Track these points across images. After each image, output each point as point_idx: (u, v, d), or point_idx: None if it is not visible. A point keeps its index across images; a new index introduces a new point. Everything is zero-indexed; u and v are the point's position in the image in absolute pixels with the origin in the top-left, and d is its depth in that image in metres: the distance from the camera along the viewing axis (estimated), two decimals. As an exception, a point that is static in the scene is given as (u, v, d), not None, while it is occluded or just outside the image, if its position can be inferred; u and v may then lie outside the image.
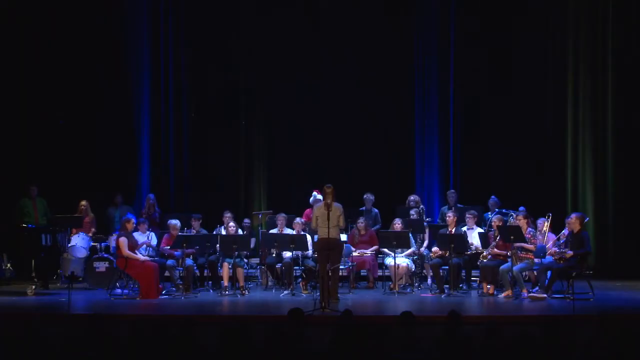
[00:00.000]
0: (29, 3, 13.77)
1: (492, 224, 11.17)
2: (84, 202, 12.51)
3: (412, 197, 12.83)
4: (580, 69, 13.63)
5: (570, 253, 10.32)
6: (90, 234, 12.34)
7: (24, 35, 13.72)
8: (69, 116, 14.01)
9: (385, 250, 11.67)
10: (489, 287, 10.86)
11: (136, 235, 11.19)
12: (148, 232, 11.53)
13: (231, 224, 11.62)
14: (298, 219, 11.54)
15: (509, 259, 10.68)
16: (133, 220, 11.14)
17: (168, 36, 14.51)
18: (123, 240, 10.82)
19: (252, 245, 12.22)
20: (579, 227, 10.44)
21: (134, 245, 10.94)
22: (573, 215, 10.60)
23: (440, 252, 11.22)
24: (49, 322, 8.26)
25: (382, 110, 14.50)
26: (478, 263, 11.04)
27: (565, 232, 10.73)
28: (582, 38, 13.62)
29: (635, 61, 13.34)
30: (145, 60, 14.40)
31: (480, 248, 11.13)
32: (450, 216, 11.49)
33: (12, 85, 13.76)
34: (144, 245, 11.30)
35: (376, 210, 12.72)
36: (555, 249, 10.57)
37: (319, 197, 11.40)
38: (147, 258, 11.08)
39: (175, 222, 11.44)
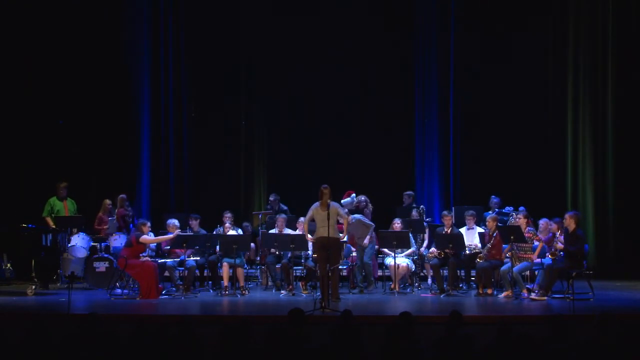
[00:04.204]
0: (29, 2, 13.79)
1: (487, 223, 11.16)
2: (108, 201, 12.50)
3: (407, 193, 12.90)
4: (580, 68, 13.64)
5: (560, 245, 10.36)
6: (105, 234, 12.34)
7: (23, 35, 13.71)
8: (68, 116, 14.00)
9: (385, 250, 11.67)
10: (485, 290, 10.86)
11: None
12: (149, 232, 11.53)
13: (227, 224, 11.64)
14: (302, 219, 11.53)
15: (507, 260, 10.70)
16: (148, 223, 11.16)
17: (168, 36, 14.52)
18: (145, 237, 10.93)
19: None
20: (574, 226, 10.44)
21: (143, 248, 11.02)
22: (567, 215, 10.61)
23: (436, 253, 11.22)
24: (49, 322, 8.24)
25: (382, 110, 14.53)
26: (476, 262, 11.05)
27: (558, 234, 10.78)
28: (582, 38, 13.63)
29: (635, 61, 13.34)
30: (145, 60, 14.41)
31: (480, 247, 11.14)
32: (448, 217, 11.49)
33: (11, 85, 13.75)
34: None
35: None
36: (553, 248, 10.59)
37: (358, 198, 11.67)
38: (147, 258, 11.08)
39: (173, 222, 11.44)
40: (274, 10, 14.50)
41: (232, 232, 11.60)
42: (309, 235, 10.69)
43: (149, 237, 11.08)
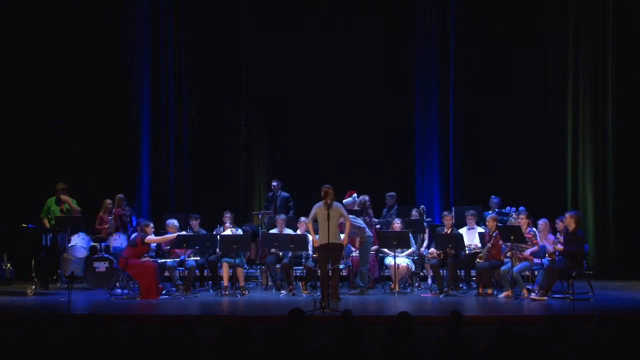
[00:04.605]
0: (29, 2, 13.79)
1: (487, 223, 11.16)
2: (108, 201, 12.49)
3: (389, 194, 12.84)
4: (580, 68, 13.64)
5: (560, 247, 10.35)
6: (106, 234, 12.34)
7: (23, 35, 13.72)
8: (68, 116, 14.00)
9: (386, 250, 11.66)
10: (485, 290, 10.86)
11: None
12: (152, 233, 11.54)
13: (227, 224, 11.65)
14: (302, 218, 11.54)
15: (508, 259, 10.70)
16: (151, 224, 11.17)
17: (168, 36, 14.52)
18: (150, 237, 10.97)
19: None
20: (574, 226, 10.44)
21: (147, 249, 11.05)
22: (567, 215, 10.62)
23: (436, 254, 11.20)
24: (49, 322, 8.24)
25: (382, 111, 14.52)
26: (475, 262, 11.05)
27: (558, 235, 10.78)
28: (582, 38, 13.63)
29: (635, 61, 13.34)
30: (145, 60, 14.41)
31: (480, 247, 11.13)
32: (448, 217, 11.50)
33: (11, 85, 13.75)
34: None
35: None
36: (551, 249, 10.54)
37: (360, 198, 11.72)
38: (147, 258, 11.08)
39: (173, 222, 11.45)
40: (274, 10, 14.50)
41: (228, 232, 11.57)
42: (315, 236, 10.63)
43: (153, 237, 11.09)
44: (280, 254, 11.50)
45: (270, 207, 13.14)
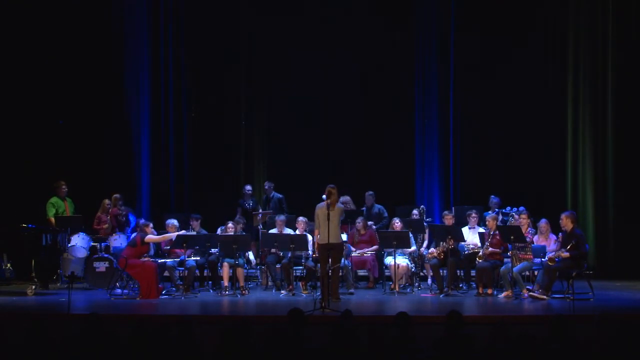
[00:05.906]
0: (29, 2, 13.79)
1: (487, 223, 11.16)
2: (107, 201, 12.48)
3: (368, 193, 12.77)
4: (580, 68, 13.63)
5: (566, 254, 10.30)
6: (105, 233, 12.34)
7: (23, 35, 13.71)
8: (68, 116, 14.00)
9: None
10: (485, 290, 10.86)
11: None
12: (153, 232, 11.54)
13: (230, 225, 11.64)
14: (301, 218, 11.54)
15: (508, 259, 10.70)
16: (151, 224, 11.17)
17: (168, 35, 14.50)
18: (151, 237, 10.98)
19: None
20: (571, 226, 10.45)
21: (146, 249, 11.06)
22: (562, 216, 10.61)
23: (436, 253, 11.19)
24: (49, 322, 8.23)
25: (382, 110, 14.51)
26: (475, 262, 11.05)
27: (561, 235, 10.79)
28: (582, 38, 13.62)
29: (635, 61, 13.34)
30: (145, 60, 14.40)
31: (479, 246, 11.13)
32: (449, 216, 11.51)
33: (11, 85, 13.75)
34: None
35: (379, 206, 12.72)
36: (552, 254, 10.51)
37: (343, 199, 11.78)
38: (147, 258, 11.08)
39: (173, 222, 11.45)
40: (274, 10, 14.48)
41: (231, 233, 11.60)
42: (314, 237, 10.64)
43: (153, 236, 11.09)
44: (280, 254, 11.51)
45: (265, 209, 13.14)
